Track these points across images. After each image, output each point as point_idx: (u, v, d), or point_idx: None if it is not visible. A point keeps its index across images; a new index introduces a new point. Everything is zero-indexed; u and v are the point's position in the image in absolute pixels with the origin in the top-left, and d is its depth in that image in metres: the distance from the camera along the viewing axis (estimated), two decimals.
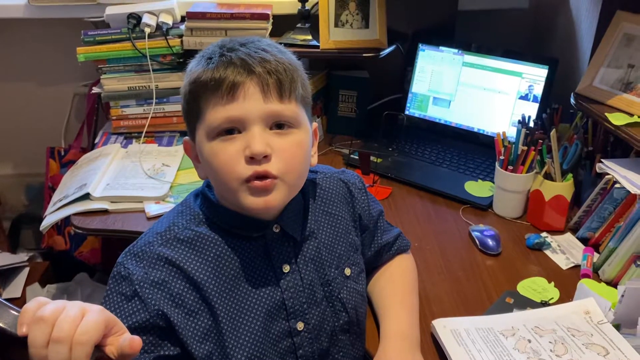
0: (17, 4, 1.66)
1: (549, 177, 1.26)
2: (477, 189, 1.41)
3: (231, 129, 0.78)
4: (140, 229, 1.23)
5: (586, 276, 1.11)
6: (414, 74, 1.67)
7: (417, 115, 1.68)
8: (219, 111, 0.78)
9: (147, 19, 1.56)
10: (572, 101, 1.30)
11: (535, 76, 1.49)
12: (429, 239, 1.25)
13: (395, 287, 1.00)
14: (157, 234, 0.84)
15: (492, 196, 1.36)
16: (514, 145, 1.28)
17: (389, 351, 0.89)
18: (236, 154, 0.78)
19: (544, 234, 1.24)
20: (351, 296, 0.91)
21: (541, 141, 1.25)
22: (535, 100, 1.49)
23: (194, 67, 0.82)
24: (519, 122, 1.38)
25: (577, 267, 1.15)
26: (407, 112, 1.69)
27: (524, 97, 1.51)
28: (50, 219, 1.32)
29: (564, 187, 1.24)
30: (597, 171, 1.19)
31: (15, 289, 1.78)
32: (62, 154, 1.88)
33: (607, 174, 1.16)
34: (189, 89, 0.81)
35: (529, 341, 0.92)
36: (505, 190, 1.31)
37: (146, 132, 1.60)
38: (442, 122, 1.65)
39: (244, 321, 0.82)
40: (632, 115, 1.17)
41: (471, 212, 1.35)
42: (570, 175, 1.25)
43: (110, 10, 1.60)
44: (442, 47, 1.62)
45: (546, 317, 0.97)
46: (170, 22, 1.58)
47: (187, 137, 0.87)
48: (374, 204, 1.02)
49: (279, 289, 0.84)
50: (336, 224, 0.93)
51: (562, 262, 1.17)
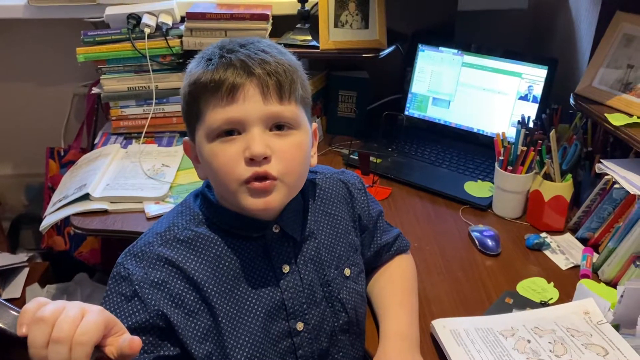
0: (16, 5, 1.66)
1: (548, 177, 1.26)
2: (476, 189, 1.41)
3: (231, 131, 0.78)
4: (140, 230, 1.23)
5: (585, 276, 1.12)
6: (414, 75, 1.67)
7: (416, 115, 1.68)
8: (219, 113, 0.78)
9: (146, 20, 1.56)
10: (572, 101, 1.30)
11: (534, 76, 1.49)
12: (429, 239, 1.25)
13: (394, 287, 1.00)
14: (156, 235, 0.84)
15: (492, 196, 1.36)
16: (513, 145, 1.28)
17: (388, 351, 0.89)
18: (236, 155, 0.78)
19: (544, 234, 1.24)
20: (351, 296, 0.91)
21: (541, 141, 1.25)
22: (534, 100, 1.49)
23: (193, 68, 0.82)
24: (519, 122, 1.38)
25: (577, 267, 1.15)
26: (406, 113, 1.69)
27: (524, 98, 1.51)
28: (49, 219, 1.32)
29: (563, 188, 1.24)
30: (597, 171, 1.19)
31: (14, 289, 1.78)
32: (62, 154, 1.88)
33: (607, 174, 1.16)
34: (189, 90, 0.81)
35: (529, 341, 0.92)
36: (504, 190, 1.31)
37: (146, 133, 1.60)
38: (441, 122, 1.65)
39: (244, 321, 0.82)
40: (631, 115, 1.17)
41: (471, 213, 1.35)
42: (569, 175, 1.25)
43: (110, 10, 1.60)
44: (441, 48, 1.63)
45: (545, 318, 0.97)
46: (170, 22, 1.58)
47: (187, 137, 0.87)
48: (374, 205, 1.02)
49: (278, 289, 0.85)
50: (336, 224, 0.93)
51: (562, 262, 1.17)
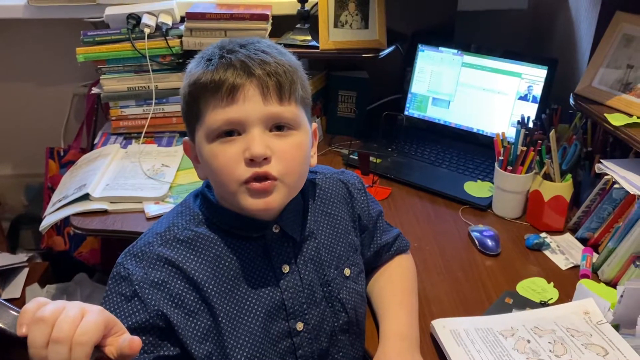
0: (16, 5, 1.66)
1: (548, 177, 1.26)
2: (476, 189, 1.41)
3: (231, 131, 0.78)
4: (139, 230, 1.23)
5: (585, 276, 1.12)
6: (414, 75, 1.67)
7: (416, 115, 1.68)
8: (219, 113, 0.78)
9: (146, 20, 1.56)
10: (572, 102, 1.30)
11: (534, 77, 1.49)
12: (429, 239, 1.25)
13: (394, 287, 1.00)
14: (156, 235, 0.84)
15: (492, 196, 1.36)
16: (513, 145, 1.28)
17: (388, 351, 0.89)
18: (236, 156, 0.78)
19: (543, 235, 1.24)
20: (350, 296, 0.91)
21: (540, 142, 1.25)
22: (534, 100, 1.49)
23: (193, 68, 0.82)
24: (518, 122, 1.38)
25: (577, 267, 1.15)
26: (406, 113, 1.69)
27: (523, 98, 1.51)
28: (49, 219, 1.32)
29: (563, 188, 1.24)
30: (596, 171, 1.19)
31: (14, 289, 1.78)
32: (62, 154, 1.88)
33: (606, 174, 1.16)
34: (189, 90, 0.81)
35: (528, 341, 0.92)
36: (504, 190, 1.31)
37: (146, 133, 1.60)
38: (441, 122, 1.65)
39: (244, 321, 0.82)
40: (631, 115, 1.17)
41: (470, 213, 1.35)
42: (569, 175, 1.25)
43: (109, 10, 1.60)
44: (441, 48, 1.63)
45: (545, 318, 0.97)
46: (169, 22, 1.58)
47: (187, 137, 0.87)
48: (374, 205, 1.02)
49: (278, 289, 0.85)
50: (336, 225, 0.93)
51: (562, 262, 1.17)
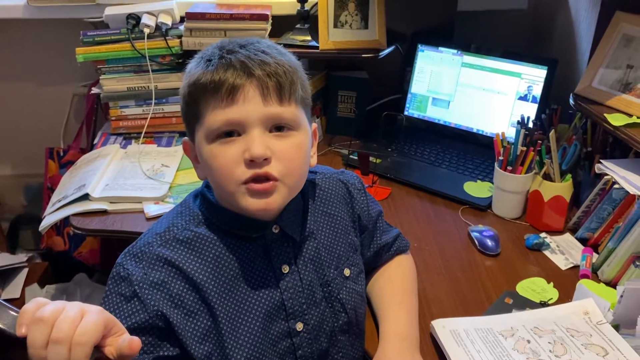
0: (16, 5, 1.66)
1: (548, 177, 1.26)
2: (476, 189, 1.41)
3: (231, 132, 0.78)
4: (139, 230, 1.23)
5: (585, 276, 1.12)
6: (413, 75, 1.67)
7: (416, 115, 1.68)
8: (219, 114, 0.77)
9: (146, 20, 1.56)
10: (571, 102, 1.30)
11: (534, 77, 1.49)
12: (428, 239, 1.25)
13: (394, 287, 1.00)
14: (156, 235, 0.84)
15: (491, 197, 1.36)
16: (513, 145, 1.28)
17: (388, 352, 0.89)
18: (236, 156, 0.78)
19: (543, 235, 1.24)
20: (350, 297, 0.91)
21: (540, 142, 1.25)
22: (534, 100, 1.49)
23: (193, 68, 0.81)
24: (518, 122, 1.38)
25: (576, 267, 1.15)
26: (406, 113, 1.69)
27: (523, 98, 1.51)
28: (49, 219, 1.32)
29: (563, 188, 1.24)
30: (596, 172, 1.19)
31: (14, 289, 1.78)
32: (61, 154, 1.88)
33: (606, 174, 1.16)
34: (188, 90, 0.81)
35: (528, 342, 0.92)
36: (504, 190, 1.31)
37: (145, 133, 1.59)
38: (441, 122, 1.65)
39: (244, 322, 0.82)
40: (631, 115, 1.17)
41: (470, 213, 1.35)
42: (569, 175, 1.25)
43: (109, 10, 1.60)
44: (441, 48, 1.63)
45: (545, 318, 0.97)
46: (169, 22, 1.58)
47: (187, 137, 0.87)
48: (373, 205, 1.02)
49: (278, 289, 0.84)
50: (335, 225, 0.93)
51: (561, 262, 1.17)
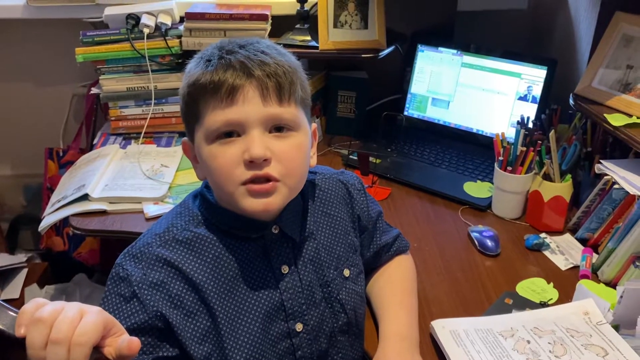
0: (15, 5, 1.66)
1: (547, 177, 1.26)
2: (476, 189, 1.41)
3: (230, 132, 0.78)
4: (138, 230, 1.23)
5: (585, 277, 1.11)
6: (413, 75, 1.67)
7: (416, 115, 1.68)
8: (218, 114, 0.77)
9: (145, 20, 1.56)
10: (571, 102, 1.30)
11: (534, 77, 1.49)
12: (428, 239, 1.25)
13: (394, 287, 1.00)
14: (155, 235, 0.84)
15: (491, 197, 1.36)
16: (512, 146, 1.28)
17: (388, 352, 0.89)
18: (235, 157, 0.77)
19: (543, 235, 1.24)
20: (350, 297, 0.91)
21: (540, 142, 1.25)
22: (534, 101, 1.49)
23: (192, 68, 0.81)
24: (518, 122, 1.38)
25: (576, 267, 1.15)
26: (406, 113, 1.69)
27: (523, 98, 1.51)
28: (48, 219, 1.32)
29: (562, 188, 1.24)
30: (596, 172, 1.19)
31: (13, 290, 1.78)
32: (61, 154, 1.88)
33: (606, 174, 1.16)
34: (188, 91, 0.81)
35: (528, 342, 0.92)
36: (504, 191, 1.31)
37: (145, 133, 1.59)
38: (441, 122, 1.65)
39: (243, 322, 0.82)
40: (630, 116, 1.17)
41: (470, 213, 1.35)
42: (569, 176, 1.25)
43: (108, 10, 1.60)
44: (441, 48, 1.62)
45: (545, 318, 0.97)
46: (169, 22, 1.58)
47: (186, 137, 0.87)
48: (373, 205, 1.02)
49: (277, 290, 0.84)
50: (335, 225, 0.93)
51: (561, 262, 1.17)
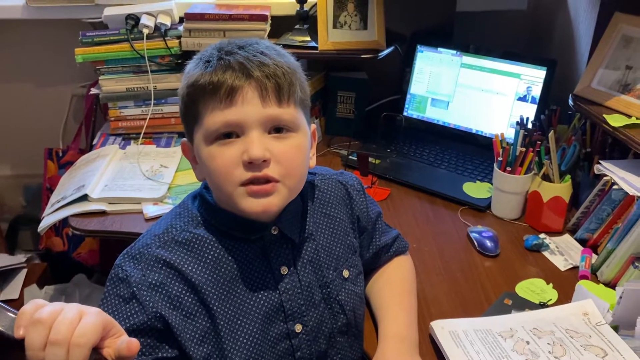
0: (15, 5, 1.66)
1: (547, 178, 1.26)
2: (475, 190, 1.41)
3: (229, 133, 0.78)
4: (138, 230, 1.23)
5: (584, 277, 1.11)
6: (413, 75, 1.67)
7: (415, 116, 1.68)
8: (217, 115, 0.77)
9: (145, 20, 1.56)
10: (570, 102, 1.30)
11: (533, 77, 1.49)
12: (428, 240, 1.25)
13: (393, 288, 1.00)
14: (154, 236, 0.84)
15: (491, 197, 1.36)
16: (512, 146, 1.28)
17: (387, 352, 0.89)
18: (234, 158, 0.77)
19: (542, 235, 1.24)
20: (349, 298, 0.91)
21: (539, 142, 1.25)
22: (533, 101, 1.49)
23: (191, 69, 0.81)
24: (517, 123, 1.38)
25: (576, 268, 1.15)
26: (405, 114, 1.69)
27: (522, 99, 1.51)
28: (48, 220, 1.32)
29: (562, 189, 1.24)
30: (595, 172, 1.19)
31: (13, 290, 1.78)
32: (60, 155, 1.88)
33: (605, 175, 1.16)
34: (187, 91, 0.81)
35: (528, 343, 0.92)
36: (503, 191, 1.31)
37: (144, 133, 1.59)
38: (440, 123, 1.65)
39: (242, 323, 0.82)
40: (630, 116, 1.17)
41: (469, 214, 1.35)
42: (568, 176, 1.25)
43: (108, 11, 1.60)
44: (440, 49, 1.63)
45: (544, 319, 0.97)
46: (168, 23, 1.58)
47: (185, 138, 0.87)
48: (373, 206, 1.02)
49: (277, 291, 0.84)
50: (334, 226, 0.93)
51: (561, 263, 1.17)
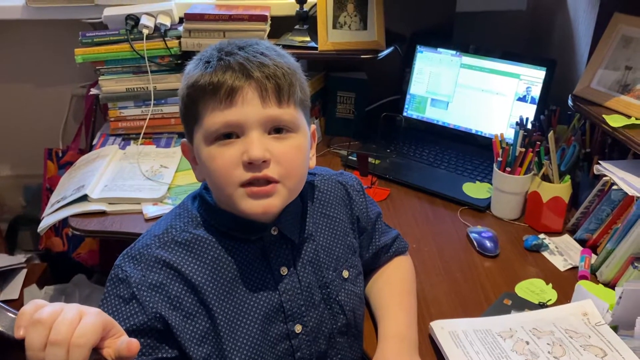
0: (14, 5, 1.66)
1: (546, 178, 1.26)
2: (475, 190, 1.41)
3: (229, 134, 0.78)
4: (138, 231, 1.23)
5: (584, 278, 1.12)
6: (412, 76, 1.67)
7: (415, 116, 1.68)
8: (217, 116, 0.77)
9: (145, 21, 1.56)
10: (570, 103, 1.30)
11: (533, 78, 1.49)
12: (427, 240, 1.25)
13: (393, 288, 1.00)
14: (154, 237, 0.84)
15: (490, 198, 1.36)
16: (511, 146, 1.28)
17: (387, 353, 0.89)
18: (234, 159, 0.77)
19: (542, 236, 1.24)
20: (349, 298, 0.91)
21: (539, 143, 1.25)
22: (533, 101, 1.49)
23: (191, 70, 0.81)
24: (517, 123, 1.38)
25: (575, 268, 1.15)
26: (405, 114, 1.69)
27: (522, 99, 1.51)
28: (48, 220, 1.32)
29: (561, 189, 1.24)
30: (595, 173, 1.19)
31: (12, 290, 1.78)
32: (60, 155, 1.88)
33: (605, 175, 1.16)
34: (187, 92, 0.81)
35: (527, 343, 0.92)
36: (503, 191, 1.31)
37: (144, 134, 1.59)
38: (440, 123, 1.65)
39: (242, 324, 0.82)
40: (629, 117, 1.17)
41: (469, 214, 1.35)
42: (568, 176, 1.25)
43: (108, 11, 1.60)
44: (440, 49, 1.63)
45: (544, 319, 0.97)
46: (168, 23, 1.58)
47: (185, 139, 0.87)
48: (372, 206, 1.02)
49: (277, 291, 0.84)
50: (334, 227, 0.93)
51: (560, 263, 1.17)
